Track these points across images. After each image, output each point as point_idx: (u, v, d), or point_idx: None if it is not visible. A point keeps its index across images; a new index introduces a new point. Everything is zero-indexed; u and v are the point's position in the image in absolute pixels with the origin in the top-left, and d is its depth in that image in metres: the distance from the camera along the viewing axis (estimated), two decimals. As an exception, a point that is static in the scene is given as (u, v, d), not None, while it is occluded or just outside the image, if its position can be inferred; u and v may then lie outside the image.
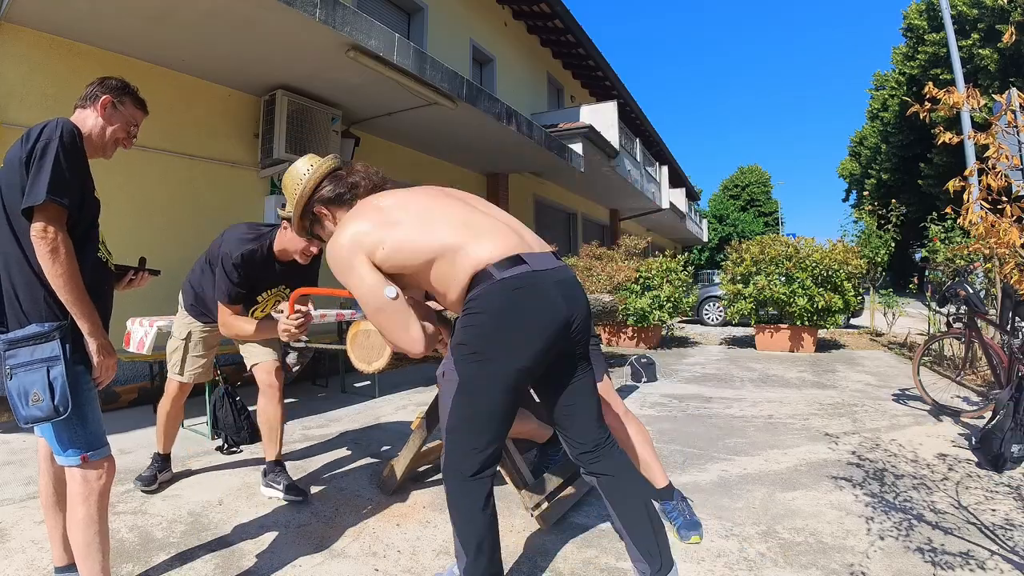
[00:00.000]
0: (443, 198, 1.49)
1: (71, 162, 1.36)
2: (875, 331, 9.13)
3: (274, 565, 1.82)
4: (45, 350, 1.32)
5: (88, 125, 1.51)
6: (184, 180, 4.77)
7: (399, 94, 5.23)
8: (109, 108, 1.55)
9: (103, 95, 1.54)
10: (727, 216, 44.36)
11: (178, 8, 3.62)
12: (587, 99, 13.95)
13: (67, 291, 1.32)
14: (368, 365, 1.80)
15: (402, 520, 2.18)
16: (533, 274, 1.34)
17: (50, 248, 1.30)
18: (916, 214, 12.99)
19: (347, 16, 4.11)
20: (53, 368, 1.32)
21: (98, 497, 1.41)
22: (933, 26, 23.04)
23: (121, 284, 1.78)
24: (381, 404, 4.29)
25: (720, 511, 2.24)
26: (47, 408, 1.30)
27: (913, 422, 3.65)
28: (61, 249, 1.31)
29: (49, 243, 1.30)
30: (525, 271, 1.34)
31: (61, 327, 1.35)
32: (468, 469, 1.37)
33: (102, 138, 1.54)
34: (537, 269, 1.36)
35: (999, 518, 2.16)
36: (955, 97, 2.09)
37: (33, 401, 1.30)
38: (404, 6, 8.06)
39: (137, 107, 1.63)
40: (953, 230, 6.90)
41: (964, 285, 3.87)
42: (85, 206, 1.42)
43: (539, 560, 1.86)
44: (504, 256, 1.34)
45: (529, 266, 1.35)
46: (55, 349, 1.33)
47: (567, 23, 10.56)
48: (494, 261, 1.33)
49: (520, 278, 1.32)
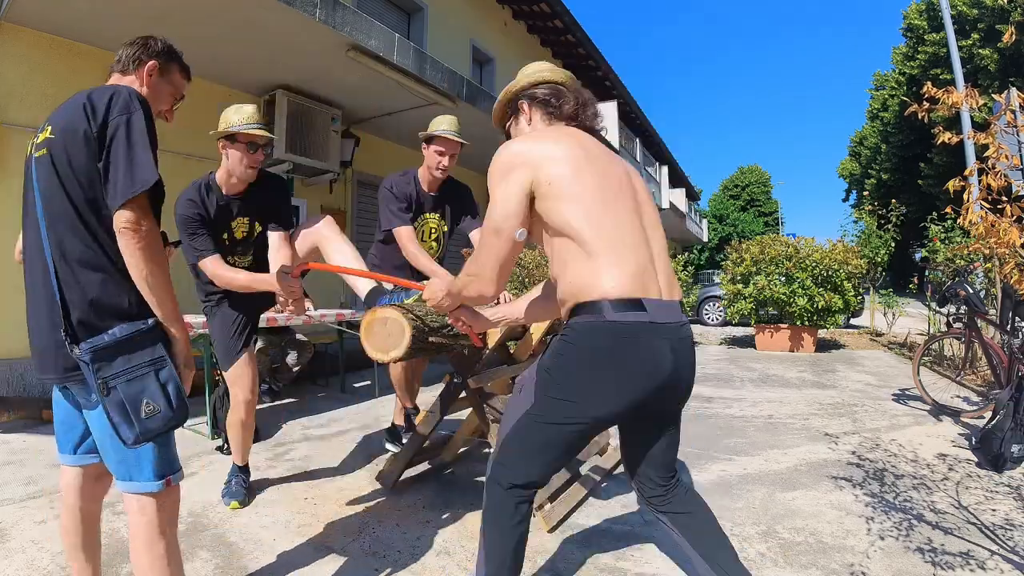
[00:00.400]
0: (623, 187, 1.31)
1: (153, 139, 1.17)
2: (875, 331, 9.13)
3: (274, 565, 1.82)
4: (146, 352, 1.14)
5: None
6: (183, 180, 4.74)
7: (399, 94, 5.23)
8: (156, 76, 1.34)
9: (149, 60, 1.33)
10: (727, 216, 44.39)
11: (178, 8, 3.62)
12: (587, 99, 13.91)
13: (159, 293, 1.16)
14: (385, 354, 1.72)
15: (402, 520, 2.18)
16: (649, 326, 1.18)
17: (143, 244, 1.11)
18: (916, 214, 12.99)
19: (347, 16, 4.11)
20: (162, 370, 1.15)
21: (174, 527, 1.25)
22: (933, 26, 23.05)
23: None
24: (381, 404, 4.29)
25: (720, 511, 2.24)
26: (165, 417, 1.13)
27: (913, 422, 3.65)
28: (155, 246, 1.14)
29: (142, 239, 1.11)
30: (641, 320, 1.17)
31: (158, 323, 1.18)
32: (505, 481, 1.30)
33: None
34: (656, 321, 1.18)
35: (999, 518, 2.16)
36: (954, 97, 2.09)
37: (147, 413, 1.12)
38: (404, 6, 8.06)
39: (184, 74, 1.44)
40: (953, 230, 6.91)
41: (964, 285, 3.87)
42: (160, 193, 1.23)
43: (539, 560, 1.86)
44: (625, 296, 1.17)
45: (648, 315, 1.18)
46: (159, 349, 1.16)
47: (567, 23, 10.56)
48: (611, 297, 1.17)
49: (632, 327, 1.17)
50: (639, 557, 1.88)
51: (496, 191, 1.27)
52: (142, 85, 1.32)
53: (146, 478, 1.19)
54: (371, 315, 1.75)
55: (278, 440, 3.28)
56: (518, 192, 1.24)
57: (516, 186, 1.24)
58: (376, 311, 1.75)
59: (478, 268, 1.32)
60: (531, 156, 1.25)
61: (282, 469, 2.77)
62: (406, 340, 1.67)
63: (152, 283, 1.14)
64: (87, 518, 1.36)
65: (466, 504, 2.33)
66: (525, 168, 1.24)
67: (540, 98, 1.44)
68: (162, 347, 1.16)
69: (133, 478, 1.19)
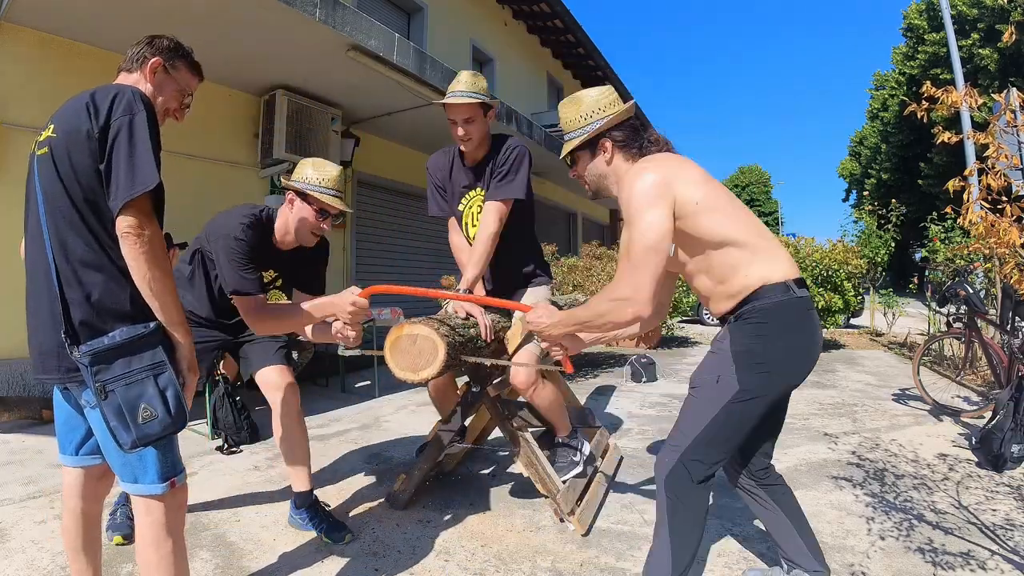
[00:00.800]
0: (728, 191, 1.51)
1: (156, 141, 1.15)
2: (875, 331, 9.12)
3: (274, 565, 1.82)
4: (146, 357, 1.12)
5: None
6: (183, 180, 4.76)
7: (399, 94, 5.23)
8: (160, 73, 1.32)
9: (153, 57, 1.31)
10: (727, 216, 44.36)
11: (178, 8, 3.62)
12: (587, 99, 13.91)
13: (162, 298, 1.14)
14: (415, 374, 1.61)
15: (402, 520, 2.18)
16: (810, 300, 1.43)
17: (145, 248, 1.10)
18: (916, 214, 12.99)
19: (347, 16, 4.11)
20: (161, 376, 1.13)
21: (182, 528, 1.25)
22: (933, 26, 23.03)
23: None
24: (381, 404, 4.29)
25: (720, 511, 2.24)
26: (163, 423, 1.12)
27: (913, 422, 3.65)
28: (157, 250, 1.12)
29: (145, 242, 1.10)
30: (807, 295, 1.41)
31: (160, 326, 1.16)
32: (700, 475, 1.40)
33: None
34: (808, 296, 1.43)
35: (999, 518, 2.16)
36: (954, 97, 2.09)
37: (144, 419, 1.10)
38: (404, 6, 8.06)
39: (192, 72, 1.40)
40: (953, 230, 6.91)
41: (964, 285, 3.87)
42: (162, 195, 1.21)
43: (539, 560, 1.86)
44: (797, 277, 1.41)
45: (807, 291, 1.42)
46: (159, 354, 1.14)
47: (567, 23, 10.56)
48: (792, 278, 1.39)
49: (807, 301, 1.41)
50: (639, 557, 1.88)
51: (644, 216, 1.35)
52: (147, 83, 1.30)
53: (150, 480, 1.18)
54: (397, 331, 1.65)
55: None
56: (668, 214, 1.35)
57: (664, 209, 1.35)
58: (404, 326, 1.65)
59: (633, 290, 1.35)
60: (670, 182, 1.38)
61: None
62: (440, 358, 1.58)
63: (155, 288, 1.13)
64: (88, 519, 1.35)
65: (466, 504, 2.33)
66: (668, 193, 1.37)
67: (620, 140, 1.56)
68: (162, 352, 1.14)
69: (138, 480, 1.18)
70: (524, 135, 6.95)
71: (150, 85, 1.30)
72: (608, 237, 14.29)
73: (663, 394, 4.60)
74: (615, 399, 4.41)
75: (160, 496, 1.19)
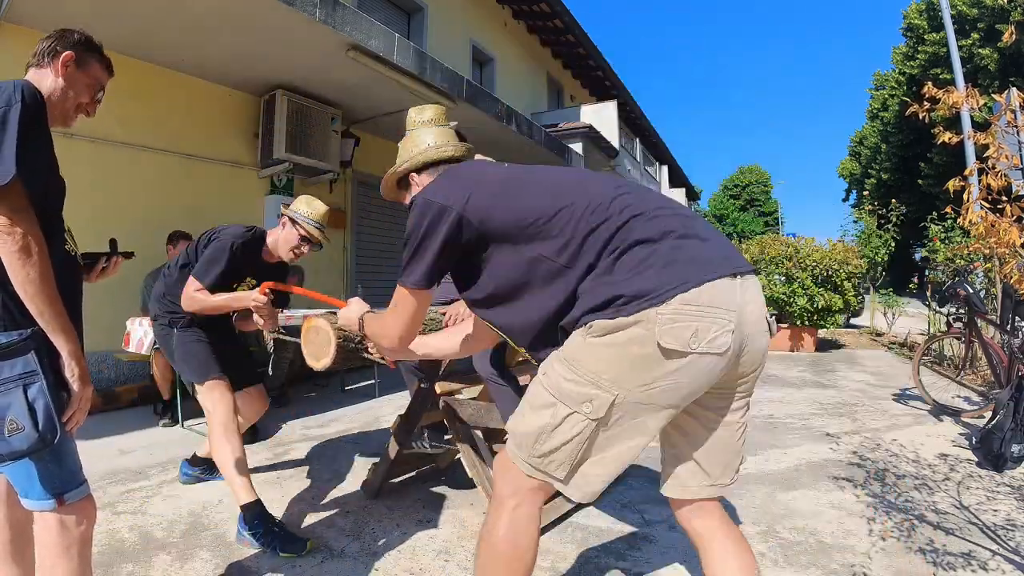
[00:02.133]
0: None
1: (36, 133, 1.09)
2: (875, 331, 9.12)
3: (274, 565, 1.82)
4: (17, 365, 1.04)
5: (46, 87, 1.23)
6: (184, 180, 4.76)
7: (399, 94, 5.22)
8: (71, 67, 1.27)
9: (64, 51, 1.27)
10: (727, 216, 44.38)
11: (178, 8, 3.62)
12: (587, 99, 13.94)
13: (41, 301, 1.05)
14: (317, 361, 1.76)
15: (402, 520, 2.17)
16: None
17: (19, 247, 1.01)
18: (916, 214, 12.99)
19: (347, 16, 4.11)
20: (31, 387, 1.04)
21: (80, 547, 1.14)
22: (933, 26, 23.02)
23: (92, 275, 1.49)
24: (381, 404, 4.29)
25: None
26: (30, 438, 1.02)
27: (914, 422, 3.65)
28: (33, 248, 1.03)
29: (18, 240, 1.01)
30: None
31: (35, 334, 1.07)
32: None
33: (63, 103, 1.26)
34: None
35: (1000, 518, 2.16)
36: (954, 97, 2.09)
37: (10, 431, 1.01)
38: (404, 6, 8.06)
39: (104, 67, 1.37)
40: (953, 230, 6.90)
41: (964, 285, 3.87)
42: (52, 190, 1.16)
43: (539, 560, 1.86)
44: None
45: None
46: (31, 363, 1.05)
47: (567, 23, 10.56)
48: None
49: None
50: (639, 557, 1.88)
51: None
52: (57, 76, 1.25)
53: (36, 496, 1.09)
54: (308, 323, 1.80)
55: (278, 440, 3.28)
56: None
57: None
58: (311, 319, 1.79)
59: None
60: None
61: (282, 469, 2.77)
62: (332, 351, 1.71)
63: (31, 291, 1.03)
64: (17, 525, 1.27)
65: (466, 504, 2.33)
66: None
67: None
68: (35, 360, 1.05)
69: (28, 495, 1.10)
70: (524, 135, 6.94)
71: (61, 80, 1.26)
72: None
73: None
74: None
75: (51, 512, 1.10)
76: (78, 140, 4.02)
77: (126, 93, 4.24)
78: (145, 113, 4.44)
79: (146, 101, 4.43)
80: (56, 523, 1.11)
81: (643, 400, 1.03)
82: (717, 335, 1.00)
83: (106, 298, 3.86)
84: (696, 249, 1.07)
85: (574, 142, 9.08)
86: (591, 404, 1.04)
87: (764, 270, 7.43)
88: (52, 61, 1.26)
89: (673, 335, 0.98)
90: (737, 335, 1.02)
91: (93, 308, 3.88)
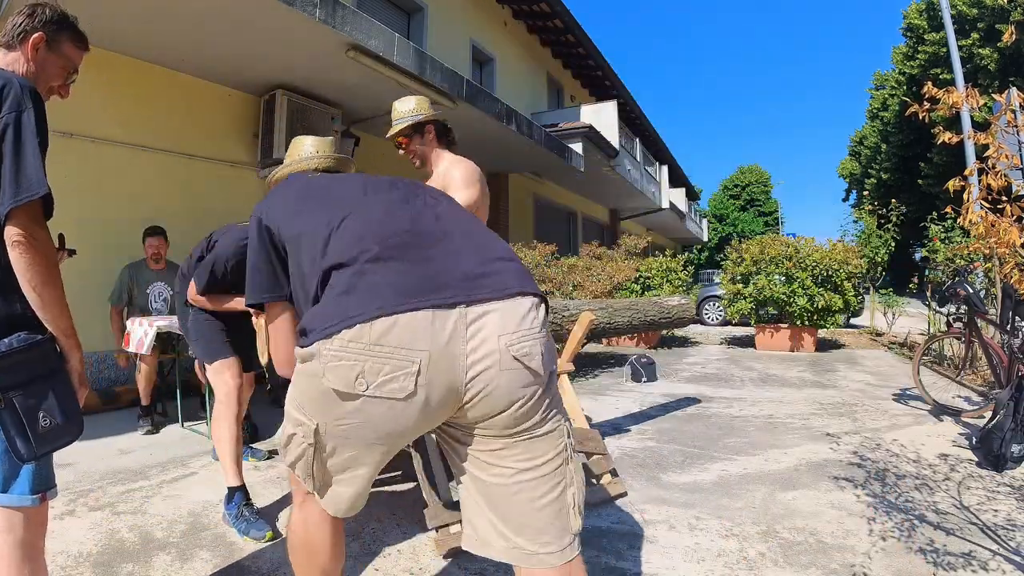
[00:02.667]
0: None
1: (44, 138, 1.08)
2: (875, 331, 9.12)
3: (274, 565, 1.82)
4: (46, 365, 1.08)
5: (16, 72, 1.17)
6: (184, 180, 4.76)
7: (399, 94, 5.19)
8: (43, 49, 1.21)
9: (34, 32, 1.20)
10: (727, 216, 44.38)
11: (178, 8, 3.62)
12: (587, 99, 13.95)
13: (52, 309, 1.08)
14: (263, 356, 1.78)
15: (402, 520, 2.17)
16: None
17: (36, 259, 1.04)
18: (916, 214, 12.99)
19: (347, 16, 4.11)
20: (58, 386, 1.09)
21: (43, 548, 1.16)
22: (933, 26, 23.03)
23: None
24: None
25: (720, 511, 2.24)
26: (61, 432, 1.07)
27: (914, 422, 3.65)
28: (48, 259, 1.06)
29: (36, 252, 1.04)
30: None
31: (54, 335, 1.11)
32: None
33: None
34: None
35: (1001, 518, 2.16)
36: (954, 97, 2.09)
37: (44, 428, 1.05)
38: (404, 6, 8.06)
39: (77, 45, 1.29)
40: (953, 230, 6.90)
41: (964, 285, 3.87)
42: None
43: (539, 560, 1.85)
44: None
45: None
46: (57, 363, 1.10)
47: (567, 23, 10.56)
48: None
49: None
50: (639, 557, 1.87)
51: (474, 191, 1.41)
52: (28, 61, 1.19)
53: (21, 491, 1.09)
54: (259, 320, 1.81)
55: (278, 440, 3.28)
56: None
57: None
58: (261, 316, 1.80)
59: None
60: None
61: (282, 469, 2.77)
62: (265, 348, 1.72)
63: (45, 298, 1.06)
64: None
65: (466, 504, 2.32)
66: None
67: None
68: (59, 361, 1.10)
69: (9, 490, 1.09)
70: (524, 135, 6.94)
71: (32, 65, 1.20)
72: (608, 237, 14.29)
73: (663, 394, 4.60)
74: (615, 399, 4.40)
75: (26, 509, 1.10)
76: (78, 140, 4.02)
77: (126, 93, 4.24)
78: (145, 113, 4.44)
79: (146, 101, 4.43)
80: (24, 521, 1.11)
81: (341, 435, 0.94)
82: (390, 378, 0.86)
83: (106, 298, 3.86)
84: (390, 275, 0.92)
85: (574, 142, 9.08)
86: (301, 428, 0.99)
87: (764, 270, 7.43)
88: (22, 43, 1.19)
89: (336, 374, 0.88)
90: (433, 377, 0.87)
91: (93, 308, 3.91)
